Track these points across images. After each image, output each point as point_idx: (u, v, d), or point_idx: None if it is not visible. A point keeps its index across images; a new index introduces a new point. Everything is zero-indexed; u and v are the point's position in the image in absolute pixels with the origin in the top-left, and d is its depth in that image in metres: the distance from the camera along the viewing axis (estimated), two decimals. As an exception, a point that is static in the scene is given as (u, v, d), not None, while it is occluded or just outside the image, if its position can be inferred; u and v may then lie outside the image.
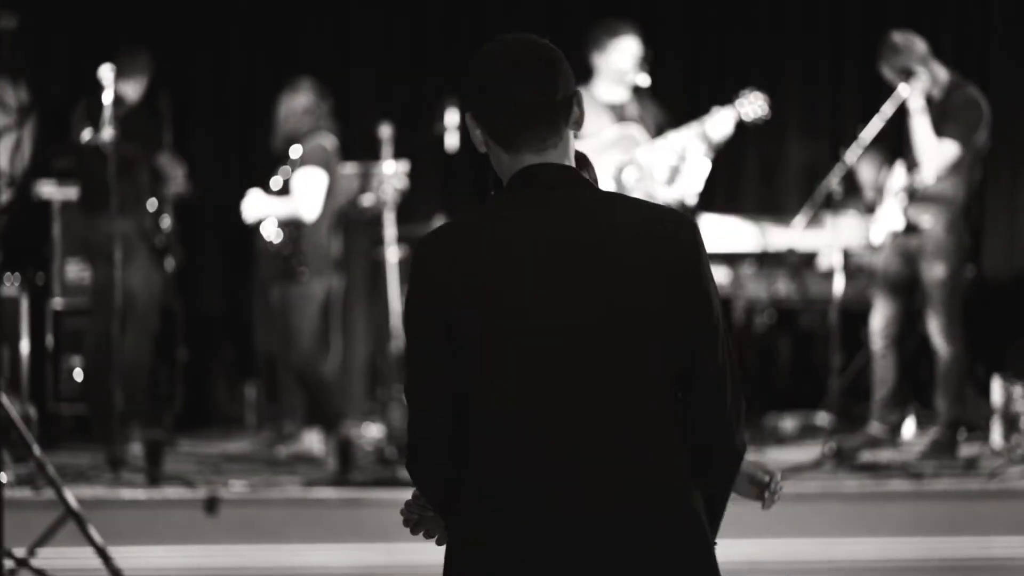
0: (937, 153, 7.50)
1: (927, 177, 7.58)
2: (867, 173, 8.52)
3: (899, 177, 7.80)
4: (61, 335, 8.49)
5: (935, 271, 7.63)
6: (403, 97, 9.37)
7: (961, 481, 7.18)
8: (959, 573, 6.20)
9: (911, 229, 7.70)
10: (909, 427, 8.24)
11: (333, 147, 7.88)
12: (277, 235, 7.77)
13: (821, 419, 8.40)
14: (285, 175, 7.82)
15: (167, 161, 8.06)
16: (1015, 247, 9.54)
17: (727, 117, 7.46)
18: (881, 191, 8.07)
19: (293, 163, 7.81)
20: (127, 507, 6.80)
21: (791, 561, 6.15)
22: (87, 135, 7.58)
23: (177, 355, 8.79)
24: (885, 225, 7.81)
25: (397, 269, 8.42)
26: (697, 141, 7.44)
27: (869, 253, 8.31)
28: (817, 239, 8.67)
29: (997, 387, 7.89)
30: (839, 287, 7.71)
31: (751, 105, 7.49)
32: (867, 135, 7.59)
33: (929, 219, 7.65)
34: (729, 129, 7.48)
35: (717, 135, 7.46)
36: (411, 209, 8.66)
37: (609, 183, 7.36)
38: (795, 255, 8.79)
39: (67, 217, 8.51)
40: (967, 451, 7.69)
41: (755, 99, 7.50)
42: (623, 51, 7.52)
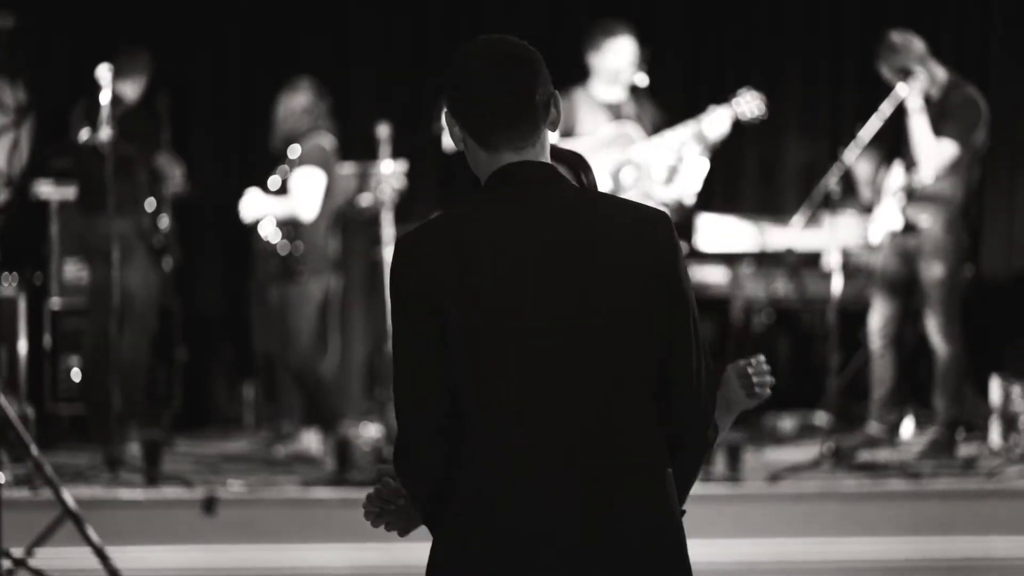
0: (935, 153, 7.50)
1: (925, 177, 7.58)
2: (865, 172, 8.51)
3: (897, 177, 7.79)
4: (59, 335, 8.48)
5: (933, 271, 7.62)
6: (401, 97, 9.36)
7: (960, 481, 7.18)
8: (958, 573, 6.20)
9: (909, 229, 7.69)
10: (907, 427, 8.24)
11: (332, 147, 7.88)
12: (275, 235, 7.77)
13: (819, 419, 8.39)
14: (283, 175, 7.81)
15: (165, 161, 8.05)
16: (1014, 247, 9.54)
17: (724, 116, 7.46)
18: (879, 191, 8.07)
19: (291, 163, 7.80)
20: (125, 507, 6.79)
21: (789, 561, 6.14)
22: (85, 135, 7.57)
23: (175, 355, 8.78)
24: (883, 225, 7.81)
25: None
26: (693, 140, 7.44)
27: (867, 253, 8.31)
28: (816, 239, 8.66)
29: (995, 387, 7.89)
30: (837, 287, 7.71)
31: (748, 104, 7.49)
32: (865, 135, 7.59)
33: (927, 219, 7.65)
34: (726, 128, 7.48)
35: (714, 134, 7.46)
36: (409, 209, 8.65)
37: (606, 181, 7.36)
38: (794, 255, 8.78)
39: (65, 217, 8.50)
40: (965, 451, 7.69)
41: (752, 98, 7.50)
42: (618, 51, 7.52)
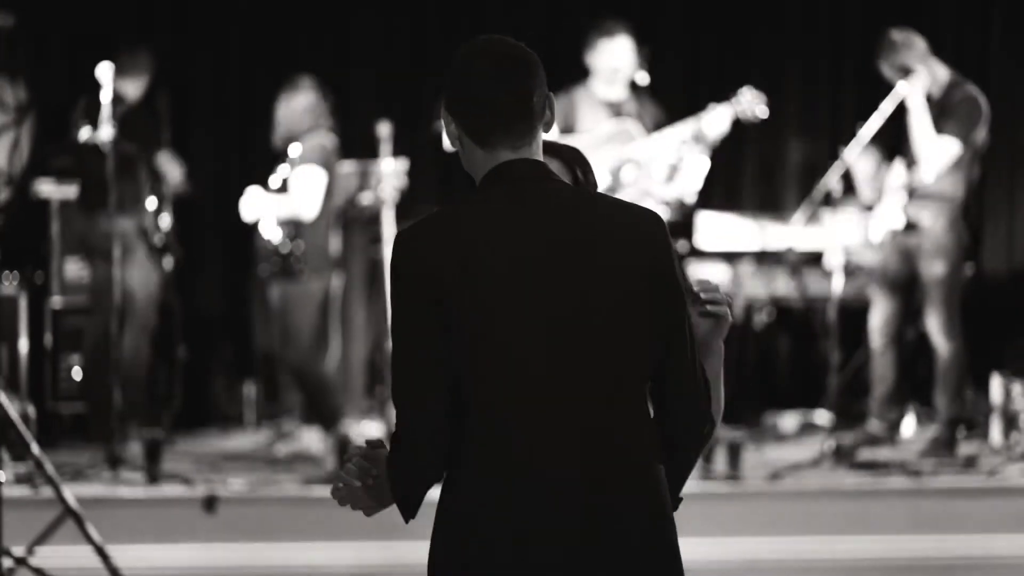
0: (937, 151, 7.49)
1: (926, 175, 7.58)
2: (865, 171, 8.51)
3: (898, 175, 7.79)
4: (60, 334, 8.48)
5: (934, 269, 7.62)
6: (402, 95, 9.36)
7: (960, 479, 7.18)
8: (958, 571, 6.20)
9: (910, 227, 7.69)
10: (908, 425, 8.24)
11: (333, 146, 7.87)
12: (276, 233, 7.76)
13: (820, 417, 8.39)
14: (284, 173, 7.81)
15: (166, 160, 8.06)
16: (1014, 245, 9.54)
17: (723, 114, 7.45)
18: (880, 189, 8.07)
19: (292, 161, 7.80)
20: (126, 505, 6.80)
21: (790, 559, 6.14)
22: (86, 134, 7.57)
23: (176, 354, 8.77)
24: (884, 223, 7.81)
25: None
26: (693, 138, 7.43)
27: (868, 251, 8.31)
28: (816, 237, 8.66)
29: (996, 385, 7.89)
30: (838, 285, 7.71)
31: (748, 103, 7.47)
32: (866, 133, 7.59)
33: (928, 217, 7.65)
34: (725, 126, 7.46)
35: (713, 132, 7.44)
36: (410, 207, 8.65)
37: (606, 178, 7.36)
38: (794, 253, 8.78)
39: (66, 216, 8.49)
40: (966, 449, 7.69)
41: (752, 97, 7.48)
42: (613, 51, 7.53)
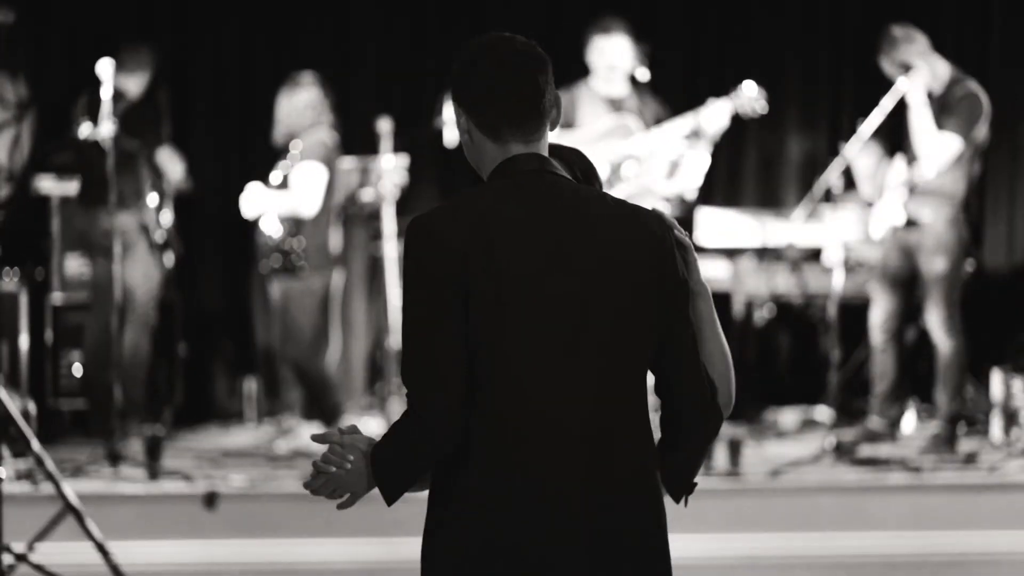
0: (937, 147, 7.49)
1: (927, 171, 7.58)
2: (866, 167, 8.51)
3: (899, 171, 7.79)
4: (60, 330, 8.48)
5: (935, 265, 7.62)
6: (402, 92, 9.35)
7: (961, 475, 7.18)
8: (959, 567, 6.20)
9: (911, 223, 7.69)
10: (909, 421, 8.24)
11: (334, 142, 7.87)
12: (277, 230, 7.76)
13: (821, 413, 8.40)
14: (285, 170, 7.81)
15: (167, 156, 8.06)
16: (1015, 241, 9.54)
17: (723, 109, 7.43)
18: (880, 185, 8.06)
19: (293, 157, 7.80)
20: (126, 502, 6.80)
21: (791, 555, 6.14)
22: (86, 130, 7.57)
23: (176, 350, 8.78)
24: (885, 219, 7.81)
25: (396, 264, 8.41)
26: (692, 133, 7.42)
27: (869, 247, 8.31)
28: (817, 233, 8.66)
29: (997, 381, 7.89)
30: (839, 281, 7.70)
31: (747, 97, 7.45)
32: (866, 129, 7.58)
33: (929, 213, 7.65)
34: (724, 121, 7.45)
35: (712, 127, 7.43)
36: (410, 204, 8.65)
37: (606, 173, 7.35)
38: (795, 249, 8.78)
39: (66, 212, 8.50)
40: (967, 445, 7.69)
41: (752, 92, 7.47)
42: (607, 48, 7.53)
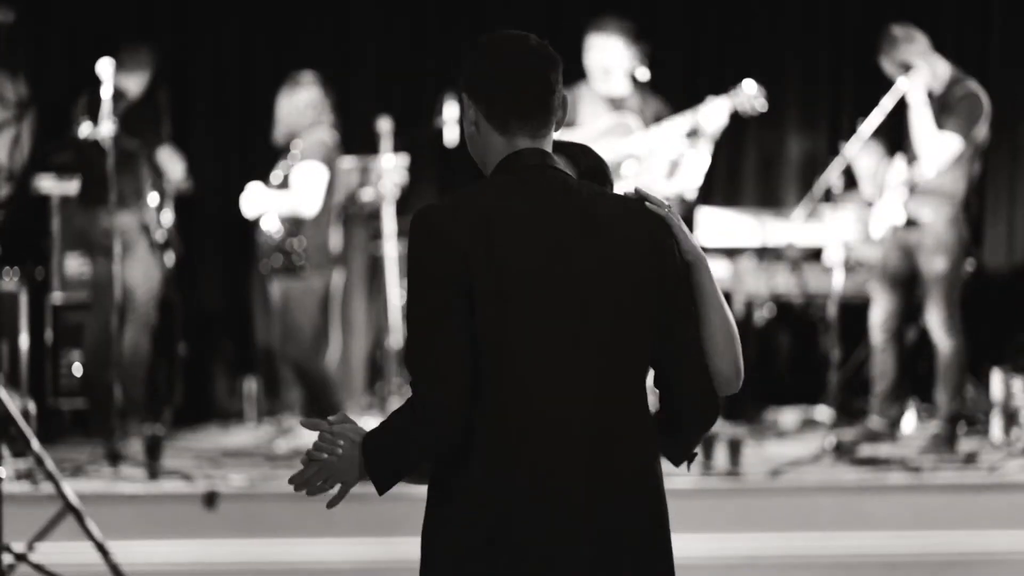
0: (938, 147, 7.49)
1: (927, 171, 7.58)
2: (866, 167, 8.50)
3: (899, 171, 7.79)
4: (60, 330, 8.48)
5: (935, 265, 7.62)
6: (402, 91, 9.35)
7: (961, 475, 7.18)
8: (958, 567, 6.20)
9: (911, 223, 7.69)
10: (909, 421, 8.24)
11: (334, 142, 7.87)
12: (277, 229, 7.76)
13: (821, 413, 8.40)
14: (285, 169, 7.81)
15: (167, 156, 8.05)
16: (1015, 241, 9.54)
17: (721, 107, 7.43)
18: (881, 185, 8.06)
19: (293, 157, 7.80)
20: (126, 501, 6.80)
21: (790, 555, 6.14)
22: (86, 130, 7.57)
23: (176, 350, 8.78)
24: (885, 219, 7.80)
25: (396, 263, 8.41)
26: (691, 131, 7.41)
27: (869, 247, 8.30)
28: (817, 233, 8.66)
29: (997, 381, 7.89)
30: (839, 281, 7.70)
31: (747, 96, 7.44)
32: (867, 129, 7.58)
33: (929, 213, 7.65)
34: (724, 119, 7.44)
35: (711, 125, 7.42)
36: (410, 203, 8.65)
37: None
38: (795, 249, 8.77)
39: (66, 212, 8.50)
40: (967, 445, 7.69)
41: (751, 90, 7.46)
42: (604, 48, 7.52)
